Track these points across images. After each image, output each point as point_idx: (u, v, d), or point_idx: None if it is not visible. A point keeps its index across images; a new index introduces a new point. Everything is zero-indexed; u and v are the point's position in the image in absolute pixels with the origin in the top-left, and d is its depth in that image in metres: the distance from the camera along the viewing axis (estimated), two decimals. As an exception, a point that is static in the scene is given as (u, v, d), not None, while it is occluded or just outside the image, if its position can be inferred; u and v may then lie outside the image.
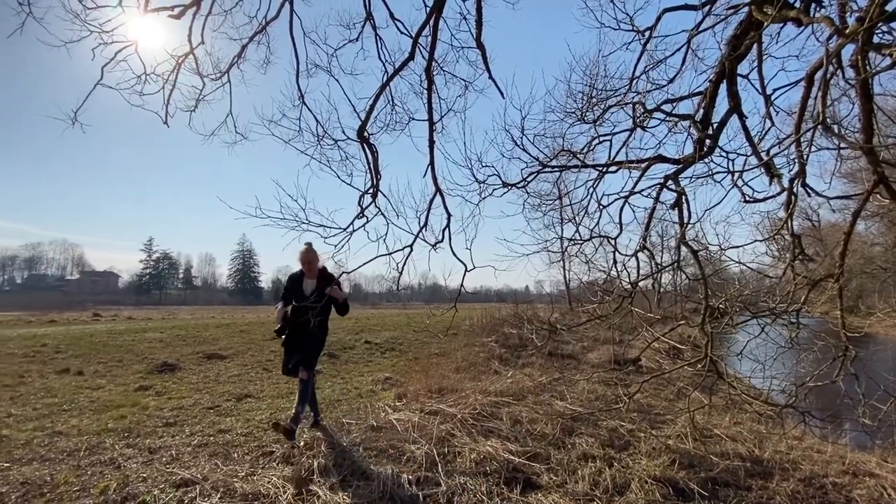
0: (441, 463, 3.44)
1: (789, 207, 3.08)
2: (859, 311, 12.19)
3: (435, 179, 3.80)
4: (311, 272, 4.17)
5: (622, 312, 3.68)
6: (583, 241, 3.89)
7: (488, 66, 3.68)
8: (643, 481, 3.28)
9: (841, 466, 3.82)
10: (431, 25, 3.54)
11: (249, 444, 3.99)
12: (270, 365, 8.34)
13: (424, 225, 3.87)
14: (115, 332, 12.56)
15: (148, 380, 6.85)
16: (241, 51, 4.66)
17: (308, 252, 4.16)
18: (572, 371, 7.93)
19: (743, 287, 3.75)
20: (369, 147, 3.80)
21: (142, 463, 3.52)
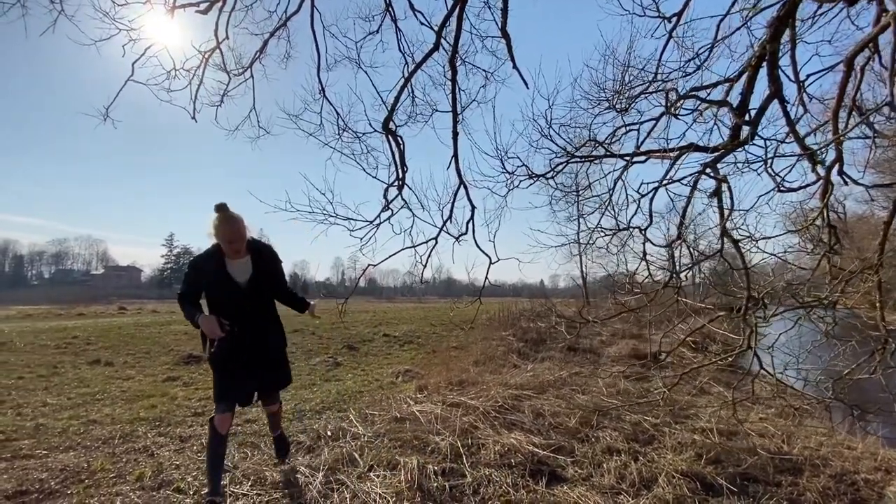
0: (465, 454, 3.46)
1: (825, 196, 2.99)
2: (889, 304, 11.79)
3: (459, 171, 3.79)
4: (237, 250, 2.76)
5: (656, 304, 3.62)
6: (614, 232, 3.83)
7: (513, 56, 3.64)
8: (670, 476, 3.25)
9: (873, 463, 3.72)
10: (457, 15, 3.51)
11: (275, 434, 4.06)
12: (292, 357, 8.47)
13: (449, 217, 3.86)
14: (141, 325, 12.92)
15: (175, 371, 7.03)
16: (263, 45, 4.70)
17: (230, 221, 2.72)
18: (593, 365, 7.87)
19: (777, 279, 3.65)
20: (395, 139, 3.80)
21: (174, 451, 3.62)
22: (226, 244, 2.74)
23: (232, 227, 2.74)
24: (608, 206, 3.89)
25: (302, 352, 9.16)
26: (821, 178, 2.81)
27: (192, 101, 4.45)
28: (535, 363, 7.78)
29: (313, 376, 6.81)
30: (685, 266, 3.56)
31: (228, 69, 4.52)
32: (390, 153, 3.79)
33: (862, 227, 7.77)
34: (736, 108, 2.90)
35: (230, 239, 2.73)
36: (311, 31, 4.32)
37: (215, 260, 2.77)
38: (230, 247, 2.75)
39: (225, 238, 2.73)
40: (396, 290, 62.79)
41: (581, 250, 14.61)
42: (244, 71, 4.56)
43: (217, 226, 2.73)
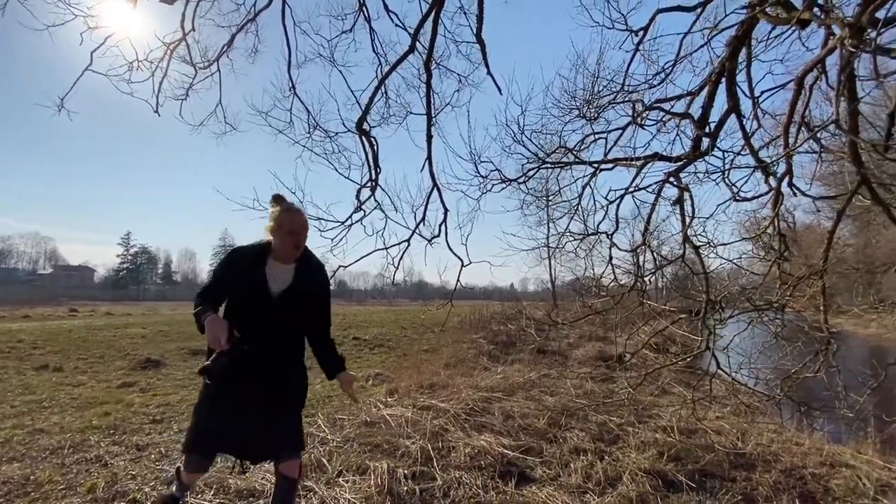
0: (436, 458, 3.46)
1: (776, 206, 3.18)
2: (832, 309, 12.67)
3: (432, 174, 3.80)
4: (297, 246, 2.17)
5: (621, 307, 3.75)
6: (582, 237, 3.94)
7: (487, 61, 3.69)
8: (634, 474, 3.35)
9: (819, 457, 3.96)
10: (432, 19, 3.53)
11: (240, 440, 3.94)
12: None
13: (422, 219, 3.86)
14: (94, 328, 12.24)
15: (132, 376, 6.69)
16: (231, 39, 4.56)
17: (299, 212, 2.23)
18: (560, 367, 8.04)
19: (732, 283, 3.86)
20: (368, 140, 3.77)
21: (130, 460, 3.45)
22: (288, 237, 2.13)
23: (301, 218, 2.20)
24: (577, 211, 4.00)
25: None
26: (772, 189, 2.99)
27: (155, 94, 4.28)
28: (505, 365, 7.87)
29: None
30: (649, 271, 3.72)
31: (194, 62, 4.38)
32: (363, 153, 3.77)
33: (810, 235, 8.25)
34: (697, 120, 3.06)
35: (296, 230, 2.15)
36: (283, 26, 4.24)
37: (258, 256, 2.14)
38: (291, 240, 2.13)
39: (291, 228, 2.14)
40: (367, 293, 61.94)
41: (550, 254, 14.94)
42: (210, 64, 4.42)
43: (282, 213, 2.16)
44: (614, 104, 3.92)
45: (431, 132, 3.72)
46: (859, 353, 12.22)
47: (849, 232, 18.10)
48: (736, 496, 3.21)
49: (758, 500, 3.16)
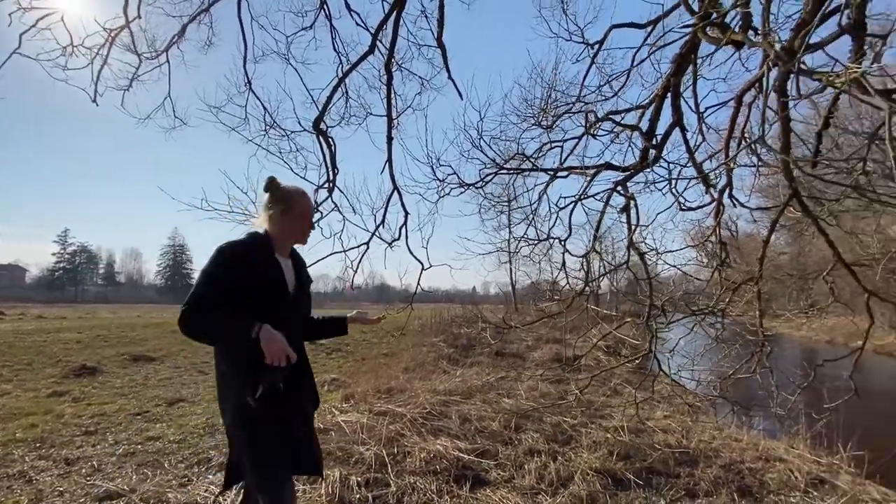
0: (391, 464, 3.41)
1: (717, 216, 3.37)
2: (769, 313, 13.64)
3: (393, 177, 3.76)
4: (300, 242, 1.99)
5: (573, 311, 3.85)
6: (536, 242, 4.03)
7: (448, 66, 3.71)
8: (585, 473, 3.44)
9: (755, 453, 4.20)
10: (392, 20, 3.50)
11: (183, 451, 3.73)
12: (206, 367, 7.84)
13: (382, 222, 3.81)
14: (22, 332, 11.28)
15: (63, 385, 6.20)
16: (182, 30, 4.35)
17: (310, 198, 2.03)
18: (518, 369, 8.15)
19: (677, 288, 4.05)
20: (326, 140, 3.68)
21: (58, 476, 3.18)
22: (308, 225, 1.93)
23: (311, 207, 1.96)
24: (533, 217, 4.09)
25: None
26: (714, 199, 3.18)
27: (94, 83, 3.99)
28: (464, 368, 7.90)
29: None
30: (597, 276, 3.85)
31: (139, 51, 4.13)
32: (321, 154, 3.68)
33: (751, 243, 8.79)
34: (645, 132, 3.20)
35: (311, 222, 1.95)
36: (238, 19, 4.08)
37: (266, 251, 1.80)
38: (309, 227, 1.93)
39: (311, 214, 1.94)
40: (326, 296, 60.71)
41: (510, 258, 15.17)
42: (158, 55, 4.19)
43: (304, 198, 1.92)
44: (570, 114, 4.05)
45: (392, 134, 3.69)
46: (792, 354, 13.17)
47: (784, 241, 19.56)
48: (679, 492, 3.36)
49: (699, 495, 3.32)
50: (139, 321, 16.74)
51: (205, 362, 8.22)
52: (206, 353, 9.22)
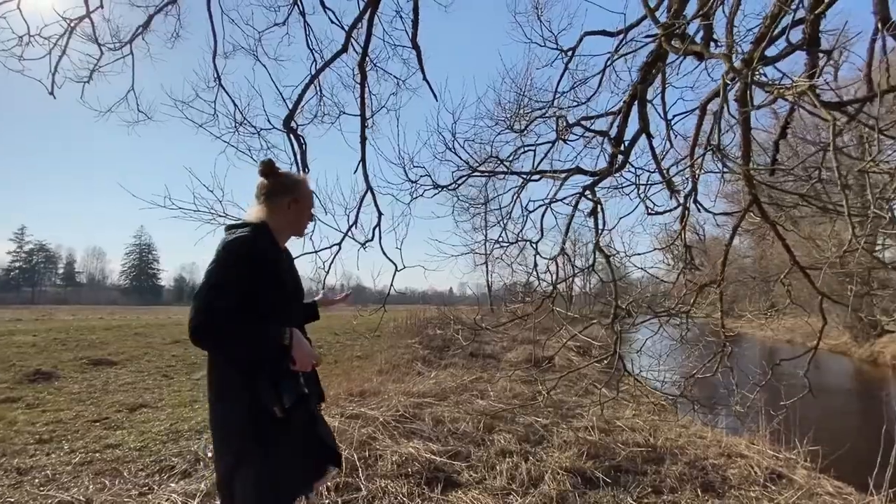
0: (362, 467, 3.36)
1: (683, 221, 3.48)
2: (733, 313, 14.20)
3: (366, 176, 3.73)
4: (300, 232, 1.83)
5: (542, 313, 3.91)
6: (508, 245, 4.07)
7: (423, 67, 3.70)
8: (555, 473, 3.48)
9: (718, 449, 4.34)
10: (367, 19, 3.47)
11: (144, 458, 3.58)
12: (171, 371, 7.57)
13: (354, 223, 3.76)
14: (-30, 336, 10.62)
15: (16, 390, 5.87)
16: (148, 21, 4.19)
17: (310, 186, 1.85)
18: (492, 370, 8.20)
19: (644, 290, 4.16)
20: (297, 138, 3.61)
21: (9, 486, 3.01)
22: (309, 212, 1.78)
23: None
24: (508, 219, 4.13)
25: (184, 365, 8.23)
26: (680, 204, 3.28)
27: (52, 74, 3.80)
28: (438, 370, 7.89)
29: (195, 392, 6.15)
30: (563, 278, 3.92)
31: (102, 42, 3.95)
32: (291, 152, 3.61)
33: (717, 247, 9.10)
34: (613, 138, 3.28)
35: (312, 212, 1.80)
36: (208, 12, 3.96)
37: (275, 244, 1.66)
38: (310, 214, 1.79)
39: (311, 209, 1.78)
40: (300, 297, 59.63)
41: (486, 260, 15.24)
42: (122, 46, 4.02)
43: (306, 184, 1.76)
44: (544, 119, 4.11)
45: (366, 134, 3.66)
46: (754, 353, 13.71)
47: (748, 245, 20.40)
48: (646, 489, 3.43)
49: (664, 492, 3.40)
50: (100, 323, 16.04)
51: (170, 366, 7.94)
52: (172, 356, 8.92)
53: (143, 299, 69.48)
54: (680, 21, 2.40)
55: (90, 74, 4.02)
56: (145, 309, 38.36)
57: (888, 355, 13.97)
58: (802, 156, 4.86)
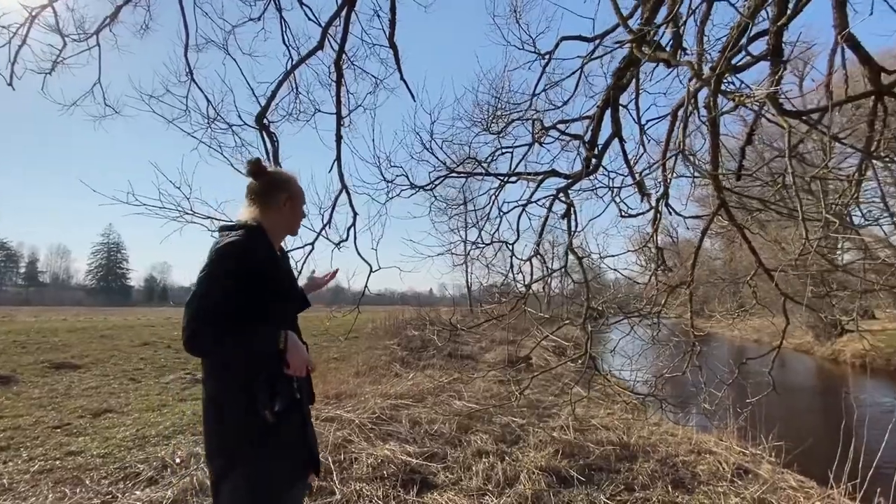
0: (336, 471, 3.32)
1: (655, 223, 3.57)
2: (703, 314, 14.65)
3: (341, 176, 3.68)
4: (294, 231, 1.83)
5: (517, 313, 3.94)
6: (484, 246, 4.09)
7: (400, 67, 3.68)
8: (531, 472, 3.51)
9: (689, 447, 4.45)
10: (343, 17, 3.43)
11: (108, 465, 3.44)
12: (139, 374, 7.31)
13: (328, 222, 3.71)
14: (-81, 339, 10.05)
15: (-33, 397, 5.57)
16: (116, 12, 4.04)
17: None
18: (471, 371, 8.22)
19: (617, 291, 4.24)
20: (269, 135, 3.53)
21: (-47, 500, 2.85)
22: (301, 211, 1.76)
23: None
24: (486, 220, 4.15)
25: (152, 368, 7.96)
26: (652, 207, 3.36)
27: (10, 64, 3.62)
28: (417, 371, 7.86)
29: (165, 396, 5.96)
30: (536, 279, 3.97)
31: (65, 32, 3.79)
32: (264, 150, 3.53)
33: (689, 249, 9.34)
34: (587, 142, 3.34)
35: (303, 213, 1.78)
36: (179, 4, 3.85)
37: (272, 249, 1.62)
38: (302, 213, 1.78)
39: (302, 208, 1.76)
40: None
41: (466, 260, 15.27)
42: (88, 37, 3.86)
43: (296, 182, 1.73)
44: (522, 121, 4.15)
45: (341, 133, 3.61)
46: (722, 353, 14.14)
47: (719, 247, 21.07)
48: (619, 486, 3.49)
49: (636, 489, 3.47)
50: (64, 325, 15.37)
51: (137, 370, 7.68)
52: (140, 359, 8.62)
53: (110, 300, 66.84)
54: (650, 27, 2.46)
55: (53, 66, 3.85)
56: (113, 310, 36.94)
57: (848, 354, 14.62)
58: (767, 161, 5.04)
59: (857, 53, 2.51)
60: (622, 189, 3.69)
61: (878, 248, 9.69)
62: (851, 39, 2.52)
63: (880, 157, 3.19)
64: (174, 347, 10.23)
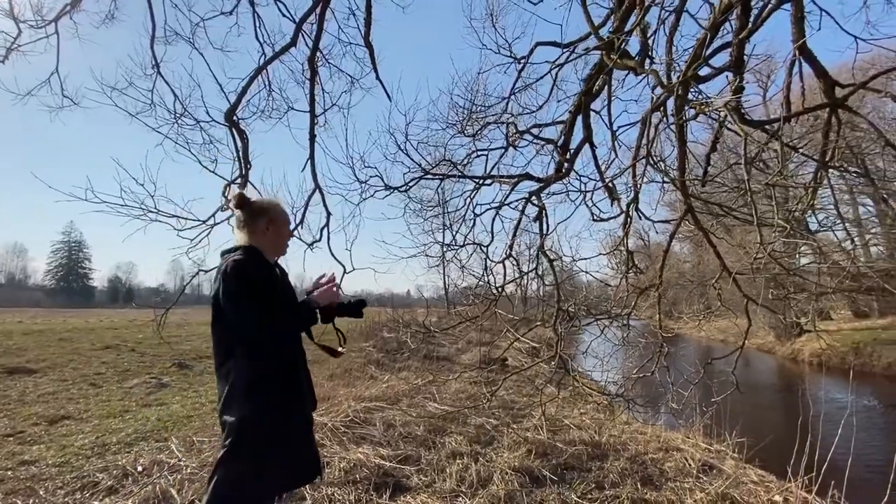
0: (307, 475, 3.26)
1: (626, 227, 3.65)
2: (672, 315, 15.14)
3: (315, 175, 3.61)
4: (283, 252, 2.05)
5: (490, 314, 3.97)
6: (458, 248, 4.10)
7: (376, 67, 3.64)
8: (504, 473, 3.53)
9: (657, 444, 4.57)
10: (318, 14, 3.38)
11: (65, 475, 3.29)
12: (100, 379, 7.00)
13: (300, 222, 3.64)
14: None
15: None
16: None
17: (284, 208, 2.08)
18: (447, 373, 8.22)
19: (589, 293, 4.32)
20: (238, 132, 3.44)
21: None
22: (288, 233, 2.00)
23: (288, 214, 2.06)
24: (461, 222, 4.16)
25: (115, 372, 7.63)
26: (623, 212, 3.44)
27: (-40, 51, 3.42)
28: (393, 373, 7.81)
29: (127, 401, 5.72)
30: (508, 280, 4.02)
31: (21, 18, 3.60)
32: (234, 147, 3.43)
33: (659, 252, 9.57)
34: (559, 146, 3.40)
35: (290, 231, 2.03)
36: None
37: (269, 265, 1.89)
38: (288, 240, 2.01)
39: (289, 228, 2.00)
40: (246, 300, 56.53)
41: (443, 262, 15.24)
42: (46, 25, 3.68)
43: (281, 208, 1.97)
44: (498, 124, 4.18)
45: (315, 132, 3.55)
46: (690, 353, 14.59)
47: (688, 251, 21.80)
48: (590, 485, 3.55)
49: (606, 487, 3.54)
50: (19, 328, 14.59)
51: (98, 374, 7.35)
52: (102, 363, 8.27)
53: (71, 301, 63.67)
54: (618, 35, 2.53)
55: (7, 53, 3.65)
56: (74, 311, 35.18)
57: (807, 353, 15.32)
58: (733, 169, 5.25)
59: (814, 67, 2.64)
60: (594, 193, 3.77)
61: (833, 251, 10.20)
62: (808, 54, 2.65)
63: (834, 167, 3.36)
64: (139, 351, 9.84)
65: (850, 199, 16.07)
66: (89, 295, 72.20)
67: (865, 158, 12.14)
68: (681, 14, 2.82)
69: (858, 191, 15.62)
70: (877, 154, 12.77)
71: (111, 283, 76.46)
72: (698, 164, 4.87)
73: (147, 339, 11.15)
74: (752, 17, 2.28)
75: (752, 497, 3.41)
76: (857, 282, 11.18)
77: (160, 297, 58.04)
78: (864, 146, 11.38)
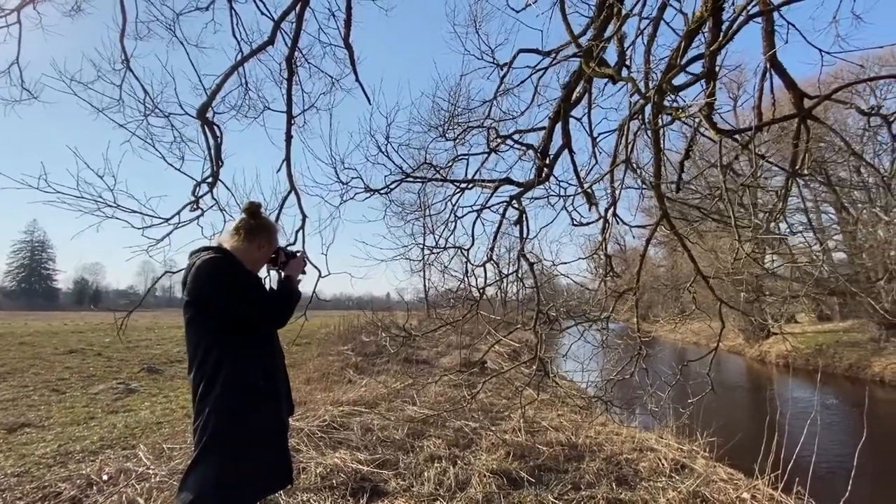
0: (283, 482, 3.19)
1: (604, 232, 3.71)
2: (649, 318, 15.50)
3: (290, 176, 3.54)
4: (261, 267, 2.06)
5: (470, 318, 3.97)
6: (440, 251, 4.10)
7: (355, 68, 3.61)
8: (482, 475, 3.53)
9: (632, 445, 4.65)
10: (297, 12, 3.32)
11: (24, 486, 3.13)
12: (63, 385, 6.70)
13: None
14: None
15: None
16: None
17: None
18: (426, 376, 8.18)
19: (569, 297, 4.37)
20: (212, 129, 3.34)
21: None
22: (262, 263, 1.99)
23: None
24: (444, 226, 4.16)
25: (80, 378, 7.31)
26: (601, 217, 3.50)
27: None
28: (371, 377, 7.73)
29: (93, 408, 5.49)
30: (489, 283, 4.04)
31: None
32: (206, 145, 3.34)
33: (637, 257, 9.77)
34: (539, 152, 3.44)
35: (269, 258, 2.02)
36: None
37: (245, 270, 1.88)
38: (261, 267, 2.00)
39: (270, 256, 2.00)
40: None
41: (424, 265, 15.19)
42: (7, 14, 3.51)
43: (276, 237, 2.01)
44: (481, 129, 4.20)
45: (291, 132, 3.49)
46: (665, 355, 14.93)
47: (663, 255, 22.36)
48: (567, 486, 3.59)
49: (582, 487, 3.57)
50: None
51: (62, 380, 7.03)
52: (65, 368, 7.92)
53: (33, 303, 60.77)
54: (596, 43, 2.57)
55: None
56: (36, 314, 33.57)
57: (773, 354, 15.89)
58: (706, 175, 5.42)
59: (783, 78, 2.74)
60: (574, 198, 3.83)
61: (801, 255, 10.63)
62: (778, 66, 2.75)
63: (803, 175, 3.50)
64: (105, 355, 9.47)
65: (815, 208, 16.81)
66: (53, 297, 69.00)
67: (828, 168, 12.72)
68: (658, 24, 2.89)
69: (822, 199, 16.34)
70: (839, 164, 13.39)
71: (77, 284, 73.27)
72: (674, 170, 5.01)
73: (114, 343, 10.74)
74: (723, 28, 2.35)
75: (722, 495, 3.50)
76: (821, 286, 11.67)
77: (128, 300, 55.91)
78: (827, 156, 11.93)
